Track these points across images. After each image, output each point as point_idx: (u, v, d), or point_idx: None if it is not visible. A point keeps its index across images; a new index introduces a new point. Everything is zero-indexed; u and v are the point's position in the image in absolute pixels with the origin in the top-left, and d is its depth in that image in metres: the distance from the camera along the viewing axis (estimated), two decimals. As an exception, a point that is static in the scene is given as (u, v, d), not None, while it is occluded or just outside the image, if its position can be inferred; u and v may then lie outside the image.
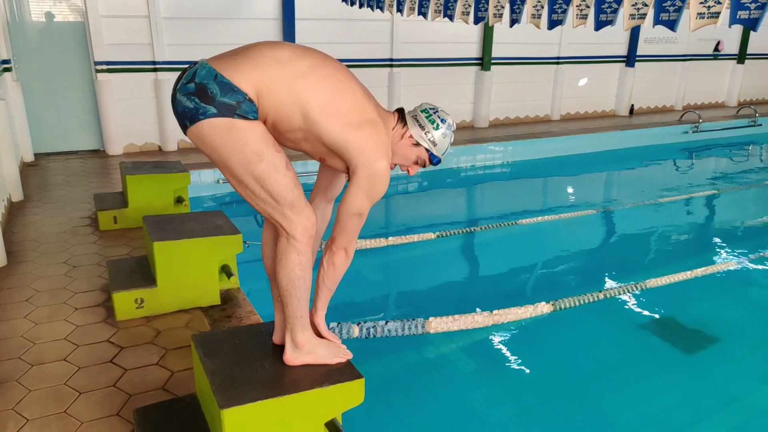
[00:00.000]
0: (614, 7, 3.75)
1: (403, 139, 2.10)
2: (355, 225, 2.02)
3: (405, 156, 2.14)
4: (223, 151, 1.86)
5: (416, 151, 2.12)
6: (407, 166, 2.18)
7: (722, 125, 11.56)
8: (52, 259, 4.22)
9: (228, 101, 1.81)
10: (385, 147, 1.99)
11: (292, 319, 2.07)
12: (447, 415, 3.22)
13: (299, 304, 2.04)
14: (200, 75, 1.83)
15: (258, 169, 1.87)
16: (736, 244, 6.10)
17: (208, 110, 1.81)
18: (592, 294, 4.47)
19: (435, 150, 2.12)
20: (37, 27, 7.41)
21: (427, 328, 3.92)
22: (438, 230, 5.80)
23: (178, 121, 1.91)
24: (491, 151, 9.20)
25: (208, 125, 1.83)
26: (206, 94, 1.81)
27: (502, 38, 10.39)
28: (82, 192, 5.99)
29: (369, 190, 1.96)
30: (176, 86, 1.90)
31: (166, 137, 8.11)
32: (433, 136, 2.10)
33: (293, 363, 2.11)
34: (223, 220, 3.74)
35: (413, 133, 2.09)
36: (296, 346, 2.10)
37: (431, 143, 2.11)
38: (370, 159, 1.93)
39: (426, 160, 2.15)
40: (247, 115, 1.84)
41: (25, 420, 2.48)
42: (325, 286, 2.13)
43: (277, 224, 1.98)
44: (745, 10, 2.86)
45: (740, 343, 4.02)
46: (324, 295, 2.16)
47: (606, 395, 3.44)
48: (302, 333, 2.10)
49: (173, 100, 1.90)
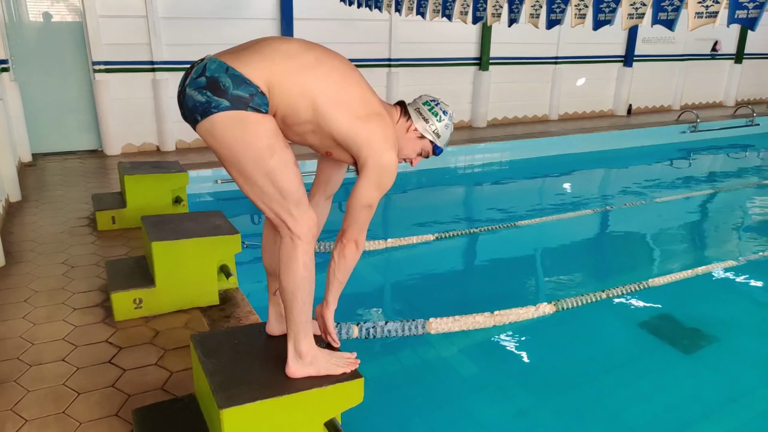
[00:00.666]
0: (612, 6, 3.75)
1: (408, 132, 2.14)
2: (366, 217, 2.04)
3: (411, 149, 2.17)
4: (235, 146, 1.84)
5: (421, 143, 2.16)
6: (411, 158, 2.21)
7: (720, 125, 11.58)
8: (51, 259, 4.21)
9: (241, 94, 1.80)
10: (393, 139, 2.02)
11: (295, 325, 2.02)
12: (446, 416, 3.21)
13: (303, 308, 2.00)
14: (211, 69, 1.82)
15: (270, 164, 1.86)
16: (736, 243, 6.11)
17: (221, 103, 1.79)
18: (594, 294, 4.46)
19: (438, 141, 2.17)
20: (34, 27, 7.40)
21: (428, 329, 3.92)
22: (437, 231, 5.79)
23: (187, 117, 1.89)
24: (489, 151, 9.20)
25: (220, 118, 1.81)
26: (218, 87, 1.79)
27: (500, 38, 10.41)
28: (80, 192, 5.98)
29: (379, 182, 1.98)
30: (184, 82, 1.88)
31: (165, 137, 8.10)
32: (437, 128, 2.14)
33: (296, 375, 2.04)
34: (222, 220, 3.73)
35: (418, 127, 2.14)
36: (299, 356, 2.04)
37: (435, 135, 2.15)
38: (380, 151, 1.95)
39: (430, 152, 2.19)
40: (260, 108, 1.83)
41: (23, 420, 2.47)
42: (336, 279, 2.13)
43: (281, 224, 1.96)
44: (743, 9, 2.87)
45: (740, 342, 4.02)
46: (335, 288, 2.16)
47: (607, 395, 3.44)
48: (305, 341, 2.05)
49: (181, 97, 1.87)
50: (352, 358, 2.15)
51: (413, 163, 2.24)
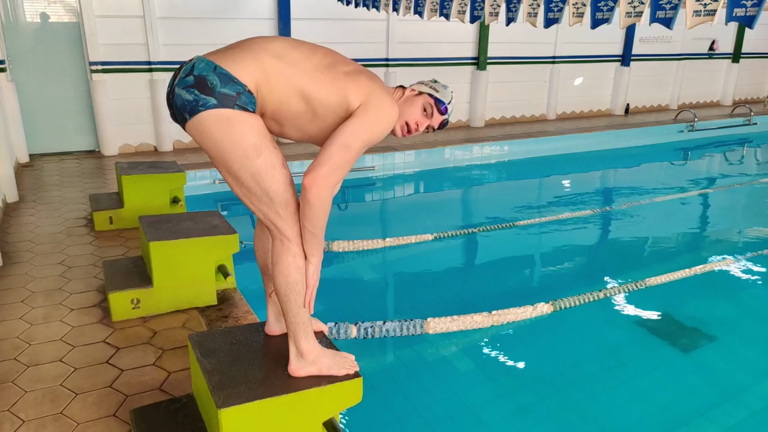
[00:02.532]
0: (610, 5, 3.75)
1: (405, 95, 2.14)
2: (341, 159, 1.85)
3: (412, 109, 2.11)
4: (222, 144, 1.84)
5: (421, 99, 2.12)
6: (417, 122, 2.11)
7: (717, 124, 11.61)
8: (48, 260, 4.20)
9: (228, 92, 1.80)
10: (388, 91, 2.01)
11: (293, 326, 2.02)
12: (445, 415, 3.21)
13: (300, 311, 1.99)
14: (199, 68, 1.83)
15: (255, 165, 1.85)
16: (733, 242, 6.12)
17: (208, 101, 1.80)
18: (592, 293, 4.47)
19: (439, 95, 2.12)
20: (31, 27, 7.38)
21: (426, 329, 3.91)
22: (435, 231, 5.79)
23: (176, 117, 1.89)
24: (487, 151, 9.21)
25: (208, 116, 1.81)
26: (206, 86, 1.80)
27: (497, 38, 10.41)
28: (77, 192, 5.97)
29: (371, 125, 1.90)
30: (173, 81, 1.89)
31: (162, 137, 8.09)
32: (435, 86, 2.15)
33: (298, 374, 2.03)
34: (220, 220, 3.72)
35: (414, 87, 2.15)
36: (301, 356, 2.04)
37: (434, 90, 2.13)
38: (375, 94, 1.94)
39: (433, 106, 2.11)
40: (246, 106, 1.83)
41: (21, 421, 2.46)
42: (306, 229, 1.92)
43: (271, 225, 1.95)
44: (741, 7, 2.87)
45: (738, 341, 4.03)
46: (308, 240, 1.95)
47: (605, 393, 3.44)
48: (306, 341, 2.04)
49: (171, 96, 1.88)
50: (352, 360, 2.14)
51: (420, 127, 2.13)
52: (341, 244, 5.26)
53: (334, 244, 5.23)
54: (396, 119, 2.00)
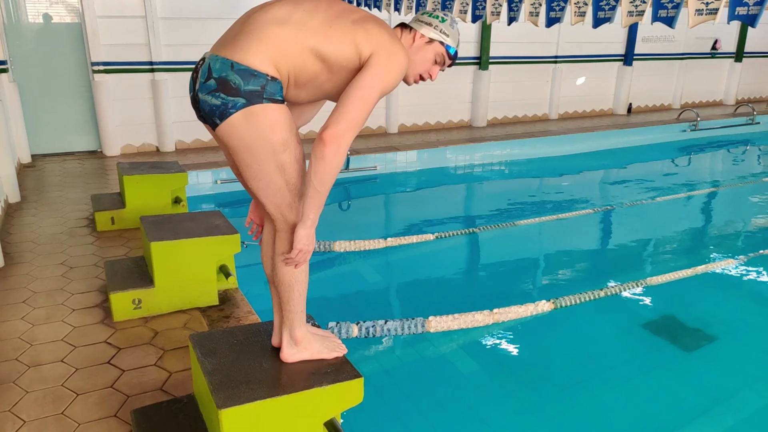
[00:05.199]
0: (612, 4, 3.74)
1: (415, 42, 2.08)
2: (359, 112, 1.82)
3: (423, 58, 2.09)
4: (251, 140, 1.83)
5: (432, 48, 2.09)
6: (428, 70, 2.12)
7: (720, 123, 11.58)
8: (49, 260, 4.20)
9: (253, 88, 1.79)
10: (396, 38, 1.96)
11: (292, 315, 2.08)
12: (447, 414, 3.20)
13: (300, 299, 2.06)
14: (216, 68, 1.81)
15: (281, 159, 1.87)
16: (735, 242, 6.10)
17: (237, 102, 1.79)
18: (593, 292, 4.46)
19: (449, 41, 2.10)
20: (33, 28, 7.39)
21: (427, 327, 3.91)
22: (437, 230, 5.79)
23: (206, 122, 1.88)
24: (489, 151, 9.19)
25: (239, 117, 1.80)
26: (230, 87, 1.79)
27: (499, 37, 10.39)
28: (79, 193, 5.97)
29: (384, 75, 1.87)
30: (194, 86, 1.88)
31: (164, 138, 8.09)
32: (442, 28, 2.09)
33: (291, 360, 2.11)
34: (221, 220, 3.72)
35: (423, 32, 2.08)
36: (294, 342, 2.11)
37: (443, 35, 2.09)
38: (385, 43, 1.89)
39: (444, 55, 2.11)
40: (274, 96, 1.82)
41: (22, 422, 2.46)
42: (311, 185, 1.82)
43: (281, 218, 1.96)
44: (743, 6, 2.85)
45: (739, 341, 4.02)
46: (312, 199, 1.84)
47: (606, 393, 3.43)
48: (300, 328, 2.11)
49: (196, 104, 1.87)
50: (339, 342, 2.21)
51: (433, 77, 2.13)
52: (343, 245, 5.26)
53: (336, 244, 5.23)
54: (407, 67, 1.97)
